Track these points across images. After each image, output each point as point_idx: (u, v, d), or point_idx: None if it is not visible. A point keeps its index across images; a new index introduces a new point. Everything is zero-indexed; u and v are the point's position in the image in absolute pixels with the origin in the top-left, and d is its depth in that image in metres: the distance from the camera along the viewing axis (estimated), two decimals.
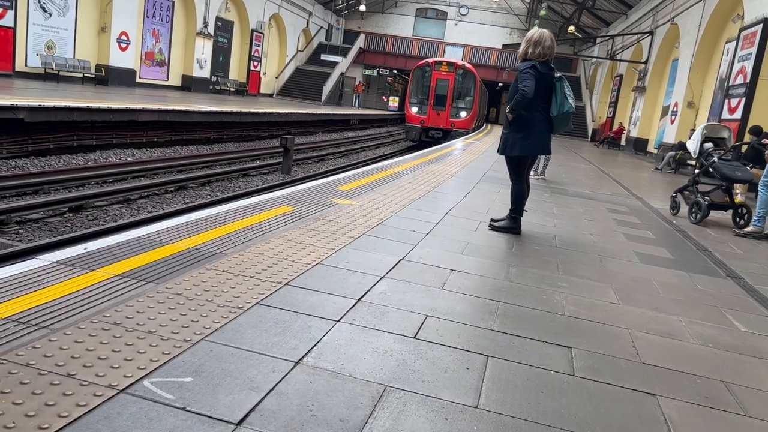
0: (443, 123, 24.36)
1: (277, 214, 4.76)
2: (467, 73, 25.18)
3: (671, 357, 2.87)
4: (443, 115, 24.44)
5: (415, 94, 25.20)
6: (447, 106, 24.54)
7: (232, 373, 2.11)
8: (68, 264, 2.99)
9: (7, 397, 1.78)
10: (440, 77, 24.70)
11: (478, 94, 25.73)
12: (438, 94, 24.51)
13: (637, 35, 28.03)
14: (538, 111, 5.01)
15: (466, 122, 24.82)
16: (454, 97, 24.66)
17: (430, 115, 24.40)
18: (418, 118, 24.54)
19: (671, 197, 8.42)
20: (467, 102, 25.03)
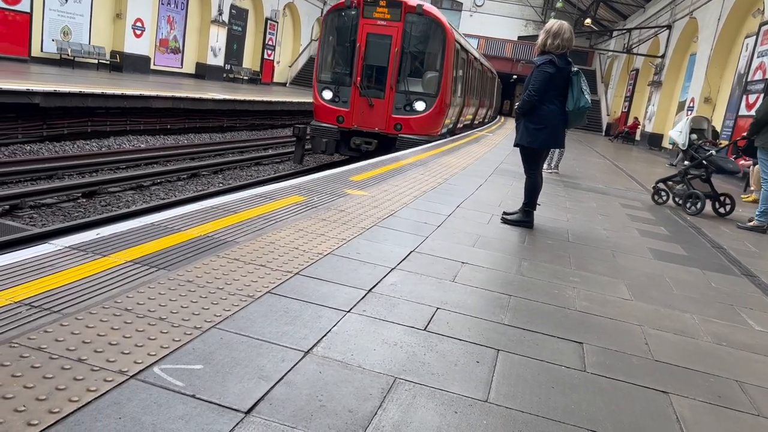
0: (379, 122, 12.54)
1: (288, 203, 4.75)
2: (431, 25, 12.65)
3: (684, 355, 2.84)
4: (379, 108, 12.56)
5: (327, 65, 13.32)
6: (387, 89, 12.46)
7: (242, 361, 2.11)
8: (81, 249, 3.00)
9: (19, 380, 1.79)
10: (374, 30, 12.39)
11: (449, 64, 12.88)
12: (369, 64, 12.52)
13: (654, 29, 27.69)
14: (554, 104, 4.96)
15: (426, 120, 12.69)
16: (401, 70, 12.54)
17: (354, 108, 12.63)
18: (332, 112, 12.73)
19: (654, 187, 8.47)
20: (429, 81, 12.74)
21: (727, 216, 7.85)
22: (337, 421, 1.84)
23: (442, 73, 12.64)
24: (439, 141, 13.47)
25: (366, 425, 1.84)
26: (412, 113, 12.48)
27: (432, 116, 12.67)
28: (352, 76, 12.52)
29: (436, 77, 12.67)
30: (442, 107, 12.82)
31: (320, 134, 12.76)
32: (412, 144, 11.87)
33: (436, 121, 12.92)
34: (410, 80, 12.62)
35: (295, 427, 1.78)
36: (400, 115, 12.43)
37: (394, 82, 12.39)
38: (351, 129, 12.53)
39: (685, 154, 8.10)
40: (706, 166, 7.77)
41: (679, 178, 8.13)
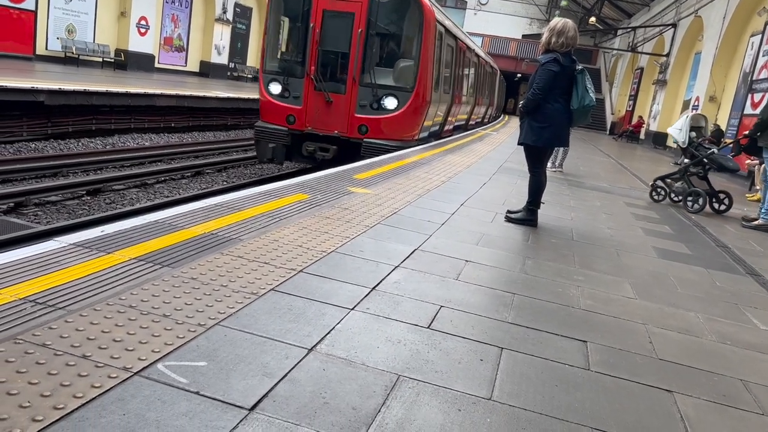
0: (339, 124, 10.14)
1: (292, 201, 4.75)
2: (405, 0, 10.22)
3: (688, 354, 2.83)
4: (340, 106, 10.12)
5: (274, 51, 11.02)
6: (349, 82, 10.06)
7: (245, 358, 2.11)
8: (85, 246, 3.01)
9: (24, 376, 1.80)
10: (332, 7, 9.98)
11: (429, 50, 10.31)
12: (326, 49, 10.09)
13: (659, 27, 27.61)
14: (559, 103, 4.95)
15: (398, 121, 10.15)
16: (366, 57, 10.02)
17: (308, 105, 10.19)
18: (280, 111, 10.31)
19: (652, 185, 8.49)
20: (402, 72, 10.32)
21: (725, 213, 7.89)
22: (340, 419, 1.84)
23: (419, 61, 10.05)
24: (442, 140, 13.24)
25: (370, 423, 1.84)
26: (380, 112, 9.91)
27: (406, 116, 10.02)
28: (304, 64, 10.00)
29: (411, 67, 10.10)
30: (420, 105, 10.23)
31: (266, 138, 10.26)
32: (381, 150, 9.44)
33: (411, 121, 10.31)
34: (378, 71, 10.02)
35: (299, 424, 1.78)
36: (365, 115, 9.90)
37: (358, 73, 9.85)
38: (304, 131, 10.09)
39: (685, 152, 8.12)
40: (704, 163, 7.81)
41: (678, 175, 8.17)
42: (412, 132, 10.57)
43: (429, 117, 11.18)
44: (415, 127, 10.60)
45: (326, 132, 10.05)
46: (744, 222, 7.26)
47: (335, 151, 9.98)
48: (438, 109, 12.08)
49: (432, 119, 11.78)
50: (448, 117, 13.96)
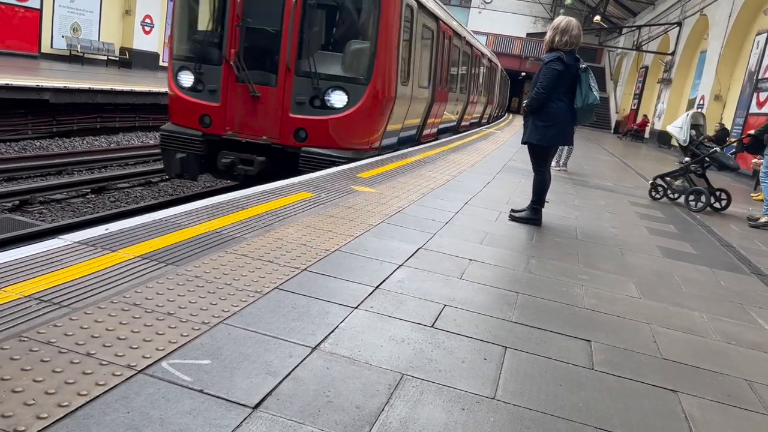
0: (269, 127, 7.52)
1: (296, 199, 4.75)
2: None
3: (693, 353, 2.82)
4: (270, 102, 7.50)
5: (184, 31, 8.16)
6: (281, 70, 7.40)
7: (249, 356, 2.11)
8: (90, 244, 3.02)
9: (28, 374, 1.80)
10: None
11: (392, 29, 7.75)
12: (251, 27, 7.50)
13: (664, 26, 27.53)
14: (563, 101, 4.94)
15: (349, 123, 7.54)
16: (305, 38, 7.44)
17: (228, 101, 7.58)
18: (193, 109, 7.68)
19: (651, 183, 8.48)
20: (354, 57, 7.69)
21: (723, 211, 7.91)
22: (344, 417, 1.84)
23: (377, 43, 7.44)
24: (448, 138, 13.06)
25: (373, 421, 1.84)
26: (325, 111, 7.35)
27: (360, 116, 7.47)
28: (222, 47, 7.41)
29: (367, 51, 7.52)
30: (379, 102, 7.67)
31: (174, 146, 7.70)
32: (326, 163, 7.13)
33: (368, 124, 7.76)
34: (322, 56, 7.49)
35: (303, 422, 1.78)
36: (304, 115, 7.33)
37: (293, 59, 7.22)
38: (224, 137, 7.48)
39: (686, 151, 8.10)
40: (705, 161, 7.81)
41: (679, 173, 8.17)
42: (370, 138, 7.98)
43: (396, 118, 8.62)
44: (373, 132, 8.00)
45: (252, 138, 7.45)
46: (750, 221, 7.26)
47: (262, 164, 7.39)
48: (411, 108, 9.50)
49: (401, 121, 9.16)
50: (427, 118, 11.19)
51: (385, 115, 8.11)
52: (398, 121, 9.01)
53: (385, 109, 8.02)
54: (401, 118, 9.10)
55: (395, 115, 8.54)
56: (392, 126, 8.68)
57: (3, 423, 1.57)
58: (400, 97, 8.47)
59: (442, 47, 11.47)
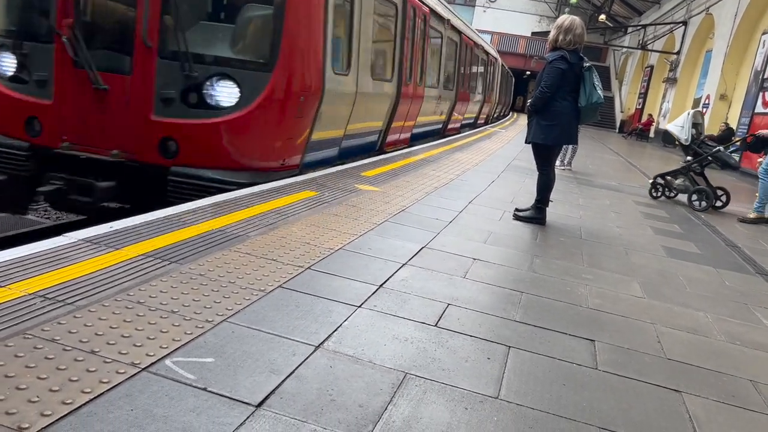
0: (121, 135, 5.06)
1: (300, 198, 4.76)
2: None
3: (697, 353, 2.81)
4: (121, 98, 5.02)
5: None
6: (137, 50, 4.96)
7: (253, 354, 2.11)
8: (94, 242, 3.03)
9: (32, 371, 1.81)
10: None
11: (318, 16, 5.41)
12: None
13: (670, 25, 27.43)
14: (567, 100, 4.92)
15: (242, 129, 5.06)
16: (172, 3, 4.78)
17: (63, 96, 5.12)
18: (18, 108, 5.21)
19: (652, 182, 8.46)
20: (252, 28, 5.31)
21: (722, 209, 7.90)
22: (347, 416, 1.84)
23: (285, 6, 5.16)
24: (453, 136, 12.81)
25: (376, 420, 1.84)
26: (205, 113, 5.10)
27: (261, 119, 5.23)
28: (50, 17, 5.19)
29: (269, 20, 5.24)
30: (292, 97, 5.38)
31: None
32: (207, 190, 4.93)
33: (275, 131, 5.46)
34: (201, 29, 5.31)
35: (306, 421, 1.78)
36: (173, 117, 5.09)
37: (154, 32, 5.06)
38: (58, 151, 5.25)
39: (687, 150, 8.08)
40: (708, 161, 7.81)
41: (681, 173, 8.17)
42: (280, 151, 5.59)
43: (330, 121, 6.34)
44: (284, 142, 5.61)
45: (97, 152, 5.16)
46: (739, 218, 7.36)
47: (108, 192, 5.16)
48: (362, 108, 7.21)
49: (342, 125, 6.79)
50: (392, 120, 8.81)
51: (307, 117, 5.61)
52: (335, 126, 6.64)
53: (307, 108, 5.53)
54: (341, 121, 6.66)
55: (329, 118, 6.19)
56: (323, 133, 6.28)
57: (7, 420, 1.57)
58: (336, 92, 6.10)
59: (412, 29, 9.18)
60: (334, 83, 6.07)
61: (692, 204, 7.77)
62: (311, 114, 5.74)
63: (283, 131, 5.51)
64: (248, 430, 1.69)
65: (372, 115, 7.89)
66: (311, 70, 5.59)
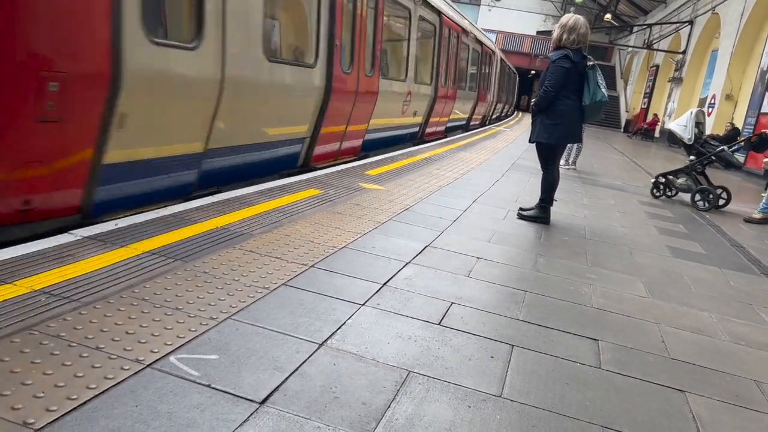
0: None
1: (304, 196, 4.76)
2: None
3: (701, 353, 2.80)
4: None
5: None
6: None
7: (257, 352, 2.12)
8: (99, 239, 3.04)
9: (38, 367, 1.82)
10: None
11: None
12: None
13: (675, 24, 27.33)
14: (571, 99, 4.92)
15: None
16: None
17: None
18: None
19: (654, 181, 8.45)
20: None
21: (723, 208, 7.90)
22: (350, 413, 1.85)
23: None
24: (454, 137, 12.41)
25: (379, 418, 1.85)
26: None
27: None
28: None
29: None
30: (32, 77, 2.96)
31: None
32: None
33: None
34: None
35: (309, 418, 1.79)
36: None
37: None
38: None
39: (690, 149, 8.05)
40: (712, 160, 7.81)
41: (683, 171, 8.16)
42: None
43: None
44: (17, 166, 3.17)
45: None
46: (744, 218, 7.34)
47: None
48: (230, 105, 4.67)
49: (159, 141, 4.09)
50: (320, 126, 6.56)
51: (70, 119, 3.28)
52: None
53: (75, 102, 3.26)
54: (163, 131, 4.09)
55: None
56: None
57: (12, 415, 1.58)
58: (157, 75, 3.81)
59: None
60: (152, 60, 3.77)
61: (695, 204, 7.76)
62: (97, 115, 3.42)
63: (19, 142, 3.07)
64: (252, 426, 1.70)
65: (274, 118, 5.71)
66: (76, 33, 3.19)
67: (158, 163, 4.14)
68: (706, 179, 8.01)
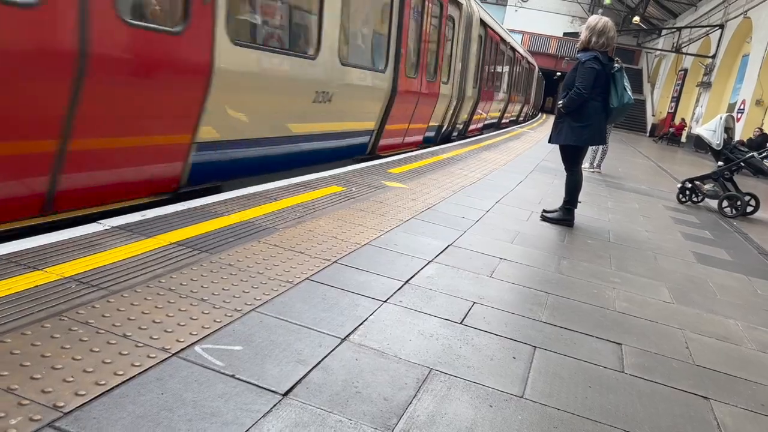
0: None
1: (327, 192, 4.78)
2: None
3: (726, 361, 2.77)
4: None
5: None
6: None
7: (280, 344, 2.14)
8: (127, 229, 3.08)
9: (68, 352, 1.85)
10: None
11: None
12: None
13: (706, 28, 26.90)
14: (597, 101, 4.87)
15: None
16: None
17: None
18: None
19: (680, 186, 8.32)
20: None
21: (751, 216, 7.76)
22: (372, 408, 1.85)
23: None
24: (480, 136, 12.93)
25: (401, 414, 1.85)
26: None
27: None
28: None
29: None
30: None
31: None
32: None
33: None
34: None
35: (332, 411, 1.80)
36: None
37: None
38: None
39: (719, 155, 7.92)
40: (741, 166, 7.68)
41: (711, 177, 8.04)
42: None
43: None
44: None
45: None
46: None
47: None
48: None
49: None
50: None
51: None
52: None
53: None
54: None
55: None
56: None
57: (44, 398, 1.62)
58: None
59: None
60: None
61: (723, 210, 7.64)
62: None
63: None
64: (275, 417, 1.72)
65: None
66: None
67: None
68: (734, 185, 7.89)
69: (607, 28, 4.86)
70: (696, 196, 8.19)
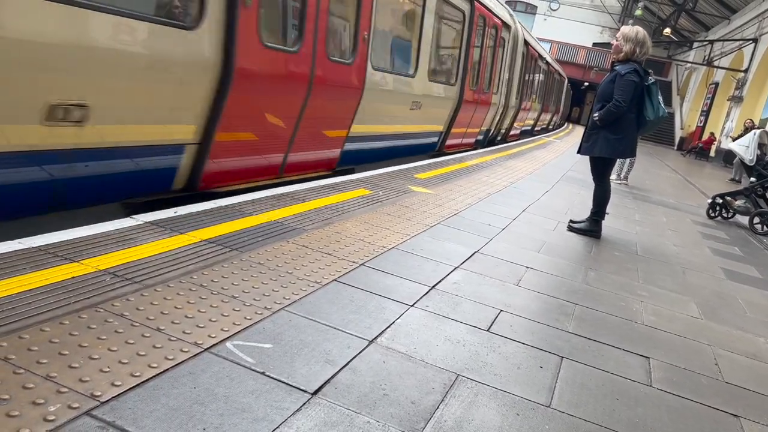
0: None
1: (355, 195, 4.81)
2: None
3: (757, 379, 2.72)
4: None
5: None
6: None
7: (309, 344, 2.16)
8: (159, 225, 3.14)
9: (104, 343, 1.89)
10: None
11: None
12: None
13: (738, 41, 26.50)
14: (632, 113, 4.83)
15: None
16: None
17: None
18: None
19: (711, 201, 8.19)
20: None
21: None
22: (399, 411, 1.86)
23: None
24: (505, 144, 13.10)
25: (428, 418, 1.86)
26: None
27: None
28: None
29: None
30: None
31: None
32: None
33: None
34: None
35: (360, 412, 1.81)
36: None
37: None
38: None
39: (751, 171, 7.78)
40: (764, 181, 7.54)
41: (742, 193, 7.88)
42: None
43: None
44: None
45: None
46: None
47: None
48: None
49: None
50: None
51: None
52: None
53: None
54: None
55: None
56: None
57: (81, 387, 1.65)
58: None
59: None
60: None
61: (753, 227, 7.51)
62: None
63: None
64: (304, 416, 1.74)
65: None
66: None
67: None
68: (767, 202, 7.75)
69: (646, 38, 4.84)
70: (726, 211, 8.06)
